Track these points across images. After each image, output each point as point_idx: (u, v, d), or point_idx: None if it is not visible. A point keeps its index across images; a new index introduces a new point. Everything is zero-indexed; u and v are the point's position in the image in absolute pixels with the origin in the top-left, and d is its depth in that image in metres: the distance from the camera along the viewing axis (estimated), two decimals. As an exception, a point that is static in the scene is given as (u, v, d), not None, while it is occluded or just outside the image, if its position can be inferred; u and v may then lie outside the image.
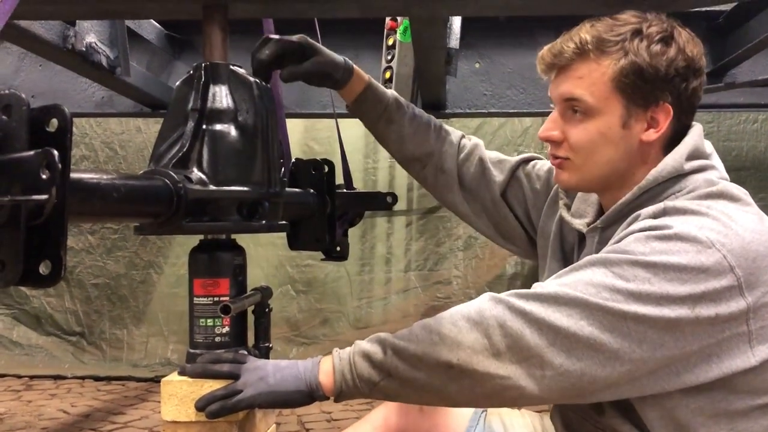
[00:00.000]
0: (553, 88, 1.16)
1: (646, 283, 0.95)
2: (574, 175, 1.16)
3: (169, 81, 2.42)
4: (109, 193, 0.86)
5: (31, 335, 4.25)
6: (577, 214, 1.26)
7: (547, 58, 1.15)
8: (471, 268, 4.08)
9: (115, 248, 4.26)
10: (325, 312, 4.15)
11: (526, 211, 1.42)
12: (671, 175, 1.09)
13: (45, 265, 0.69)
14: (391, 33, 1.85)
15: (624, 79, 1.08)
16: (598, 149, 1.12)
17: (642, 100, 1.10)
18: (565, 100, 1.13)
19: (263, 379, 1.06)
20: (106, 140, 4.28)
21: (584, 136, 1.12)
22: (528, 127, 4.04)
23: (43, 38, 1.70)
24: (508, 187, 1.44)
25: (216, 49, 1.17)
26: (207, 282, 1.14)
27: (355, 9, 1.22)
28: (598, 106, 1.10)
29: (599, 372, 0.96)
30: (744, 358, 0.97)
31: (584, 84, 1.10)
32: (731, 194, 1.06)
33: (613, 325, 0.95)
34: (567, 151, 1.14)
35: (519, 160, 1.45)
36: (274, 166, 1.17)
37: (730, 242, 0.96)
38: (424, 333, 1.03)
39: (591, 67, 1.10)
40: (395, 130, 1.45)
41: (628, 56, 1.08)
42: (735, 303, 0.95)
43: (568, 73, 1.12)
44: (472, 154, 1.47)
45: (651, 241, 0.98)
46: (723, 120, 3.86)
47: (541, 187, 1.40)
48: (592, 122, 1.11)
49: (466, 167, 1.46)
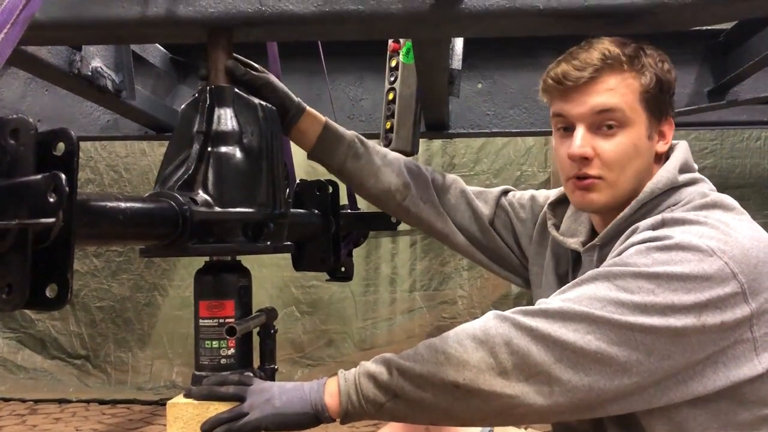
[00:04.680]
0: (577, 104, 1.12)
1: (650, 294, 0.95)
2: (605, 194, 1.13)
3: (174, 104, 2.44)
4: (115, 215, 0.86)
5: (36, 359, 4.24)
6: (569, 233, 1.25)
7: (572, 73, 1.11)
8: (476, 287, 4.07)
9: (120, 271, 4.26)
10: (330, 333, 4.14)
11: (516, 239, 1.41)
12: (666, 188, 1.10)
13: (51, 288, 0.69)
14: (393, 55, 1.87)
15: (650, 91, 1.11)
16: (630, 162, 1.12)
17: (659, 112, 1.13)
18: (598, 113, 1.11)
19: (269, 402, 1.05)
20: (111, 163, 4.30)
21: (619, 149, 1.11)
22: (531, 146, 4.04)
23: (49, 63, 1.72)
24: (495, 217, 1.42)
25: (221, 73, 1.18)
26: (212, 304, 1.14)
27: (358, 31, 1.23)
28: (631, 117, 1.11)
29: (608, 386, 0.96)
30: (750, 365, 0.97)
31: (617, 95, 1.10)
32: (725, 204, 1.07)
33: (620, 338, 0.95)
34: (599, 169, 1.12)
35: (500, 192, 1.44)
36: (279, 187, 1.17)
37: (731, 249, 0.97)
38: (429, 353, 1.02)
39: (621, 77, 1.11)
40: (365, 166, 1.36)
41: (650, 70, 1.11)
42: (740, 309, 0.96)
43: (595, 86, 1.11)
44: (452, 187, 1.43)
45: (652, 252, 0.98)
46: (726, 137, 3.86)
47: (526, 215, 1.40)
48: (626, 134, 1.11)
49: (447, 198, 1.42)
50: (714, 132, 3.79)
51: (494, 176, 4.09)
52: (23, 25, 0.76)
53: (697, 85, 2.36)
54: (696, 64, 2.37)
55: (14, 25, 0.75)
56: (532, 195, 1.42)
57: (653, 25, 1.14)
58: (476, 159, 4.11)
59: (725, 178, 3.78)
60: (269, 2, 1.14)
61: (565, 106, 1.14)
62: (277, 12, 1.14)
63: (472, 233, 1.42)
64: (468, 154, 4.11)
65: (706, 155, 3.82)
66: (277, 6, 1.14)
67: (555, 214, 1.29)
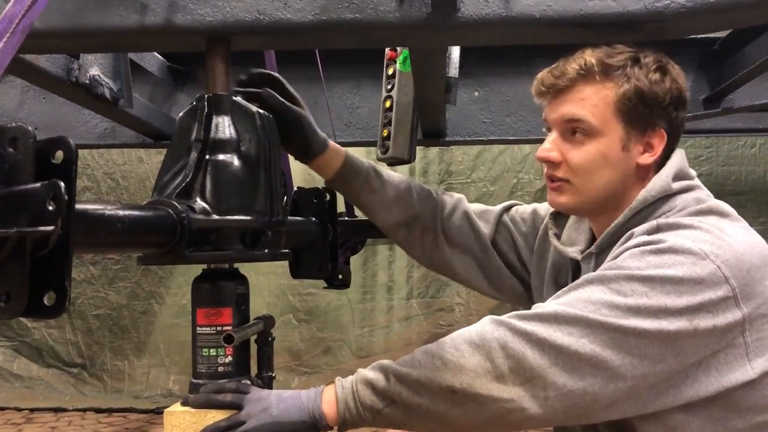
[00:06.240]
0: (551, 110, 1.17)
1: (643, 297, 0.96)
2: (572, 198, 1.17)
3: (172, 112, 2.44)
4: (113, 223, 0.87)
5: (32, 367, 4.22)
6: (569, 242, 1.27)
7: (547, 79, 1.16)
8: (473, 295, 4.06)
9: (117, 279, 4.25)
10: (327, 341, 4.13)
11: (518, 254, 1.43)
12: (660, 195, 1.11)
13: (49, 296, 0.69)
14: (390, 63, 1.87)
15: (627, 102, 1.11)
16: (599, 170, 1.13)
17: (640, 124, 1.13)
18: (567, 121, 1.14)
19: (266, 410, 1.05)
20: (108, 171, 4.30)
21: (585, 157, 1.13)
22: (527, 154, 4.05)
23: (47, 71, 1.72)
24: (497, 234, 1.44)
25: (218, 81, 1.19)
26: (210, 311, 1.14)
27: (355, 40, 1.24)
28: (600, 128, 1.12)
29: (602, 389, 0.96)
30: (743, 371, 0.98)
31: (587, 105, 1.12)
32: (721, 210, 1.08)
33: (614, 342, 0.96)
34: (566, 173, 1.16)
35: (502, 209, 1.46)
36: (276, 195, 1.17)
37: (723, 253, 0.97)
38: (426, 358, 1.03)
39: (595, 88, 1.12)
40: (378, 200, 1.42)
41: (630, 81, 1.11)
42: (731, 314, 0.96)
43: (569, 95, 1.14)
44: (457, 209, 1.46)
45: (646, 256, 0.99)
46: (721, 145, 3.88)
47: (528, 229, 1.42)
48: (594, 143, 1.13)
49: (452, 222, 1.45)
50: (709, 139, 3.80)
51: (491, 184, 4.09)
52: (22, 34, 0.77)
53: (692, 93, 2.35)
54: (691, 72, 2.38)
55: (13, 34, 0.75)
56: (534, 209, 1.44)
57: (648, 33, 1.14)
58: (473, 167, 4.11)
59: (721, 186, 3.80)
60: (267, 11, 1.14)
61: (546, 111, 1.19)
62: (275, 21, 1.14)
63: (472, 255, 1.44)
64: (465, 162, 4.12)
65: (702, 163, 3.84)
66: (275, 15, 1.14)
67: (556, 224, 1.30)
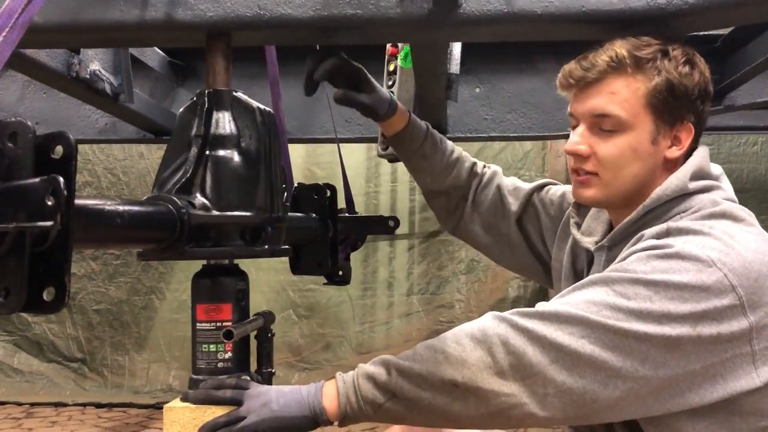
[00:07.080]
0: (579, 102, 1.15)
1: (647, 301, 0.95)
2: (600, 191, 1.15)
3: (172, 108, 2.43)
4: (112, 219, 0.87)
5: (33, 362, 4.23)
6: (587, 232, 1.26)
7: (576, 72, 1.13)
8: (473, 291, 4.07)
9: (117, 274, 4.25)
10: (327, 337, 4.13)
11: (541, 236, 1.43)
12: (675, 194, 1.09)
13: (49, 291, 0.69)
14: (392, 59, 1.87)
15: (658, 95, 1.10)
16: (628, 164, 1.12)
17: (670, 117, 1.11)
18: (596, 116, 1.12)
19: (266, 406, 1.05)
20: (108, 166, 4.30)
21: (615, 151, 1.12)
22: (528, 150, 4.05)
23: (47, 66, 1.72)
24: (524, 213, 1.46)
25: (219, 76, 1.18)
26: (210, 307, 1.14)
27: (357, 36, 1.24)
28: (630, 122, 1.11)
29: (601, 390, 0.96)
30: (748, 378, 0.97)
31: (617, 99, 1.11)
32: (734, 215, 1.06)
33: (615, 344, 0.95)
34: (594, 166, 1.14)
35: (534, 187, 1.47)
36: (276, 191, 1.17)
37: (731, 261, 0.96)
38: (428, 352, 1.03)
39: (626, 81, 1.10)
40: (427, 166, 1.50)
41: (661, 74, 1.10)
42: (737, 322, 0.95)
43: (598, 87, 1.12)
44: (491, 183, 1.50)
45: (652, 260, 0.99)
46: (723, 142, 3.88)
47: (555, 212, 1.41)
48: (624, 137, 1.11)
49: (484, 195, 1.49)
50: (711, 137, 3.79)
51: (492, 180, 4.09)
52: (22, 29, 0.77)
53: (694, 91, 2.35)
54: (693, 69, 2.36)
55: (13, 29, 0.75)
56: (564, 192, 1.44)
57: (650, 30, 1.14)
58: (474, 163, 4.11)
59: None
60: (268, 6, 1.14)
61: (573, 104, 1.17)
62: (275, 16, 1.14)
63: (498, 229, 1.48)
64: (466, 159, 4.11)
65: (703, 160, 3.82)
66: (275, 10, 1.14)
67: (579, 213, 1.30)
